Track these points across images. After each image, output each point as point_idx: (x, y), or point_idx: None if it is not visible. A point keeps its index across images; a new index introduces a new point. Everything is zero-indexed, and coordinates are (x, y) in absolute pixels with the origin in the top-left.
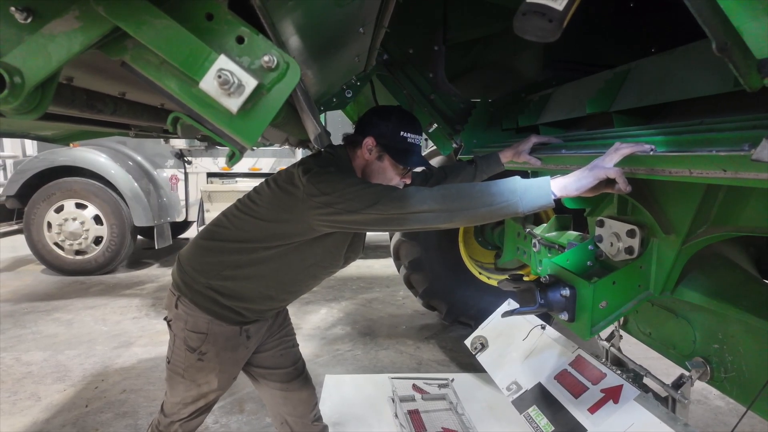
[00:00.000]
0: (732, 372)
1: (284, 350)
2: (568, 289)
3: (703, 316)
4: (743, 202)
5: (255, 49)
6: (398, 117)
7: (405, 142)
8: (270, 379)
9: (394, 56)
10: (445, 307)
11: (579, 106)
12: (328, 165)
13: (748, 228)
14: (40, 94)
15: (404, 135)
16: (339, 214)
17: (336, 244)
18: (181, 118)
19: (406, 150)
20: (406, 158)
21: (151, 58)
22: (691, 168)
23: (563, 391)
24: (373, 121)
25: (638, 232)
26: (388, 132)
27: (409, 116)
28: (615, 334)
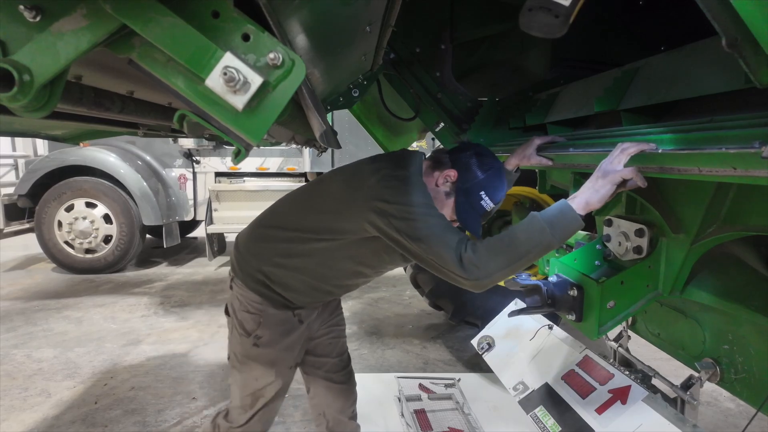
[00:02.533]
0: (742, 373)
1: (333, 339)
2: (576, 288)
3: (713, 317)
4: (754, 200)
5: (261, 47)
6: (491, 176)
7: (478, 201)
8: (316, 367)
9: (401, 55)
10: (451, 306)
11: (587, 105)
12: (399, 170)
13: (759, 227)
14: (48, 92)
15: (482, 195)
16: (389, 227)
17: (386, 249)
18: (188, 115)
19: (473, 208)
20: (467, 215)
21: (158, 55)
22: (701, 166)
23: (570, 391)
24: (470, 161)
25: (647, 232)
26: (474, 181)
27: (501, 181)
28: (623, 335)
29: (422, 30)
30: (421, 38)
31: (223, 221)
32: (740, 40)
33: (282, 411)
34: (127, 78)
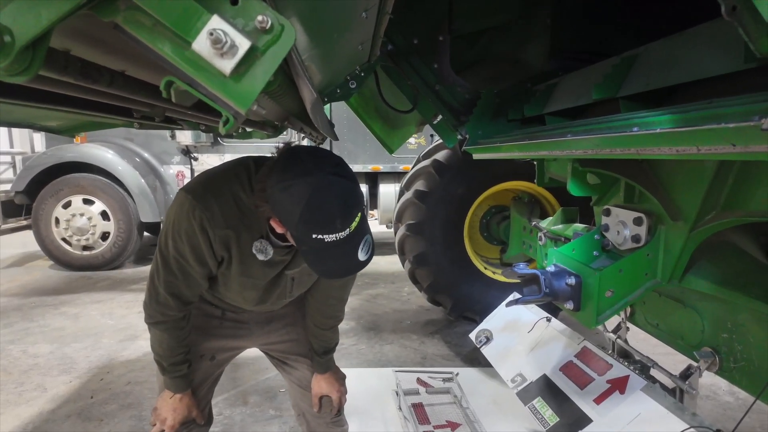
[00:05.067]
0: (741, 362)
1: (283, 351)
2: (574, 277)
3: (712, 306)
4: (753, 186)
5: (249, 11)
6: (308, 208)
7: (322, 243)
8: (285, 371)
9: (398, 47)
10: (450, 302)
11: (585, 94)
12: (217, 190)
13: (759, 212)
14: (30, 55)
15: (318, 237)
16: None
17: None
18: (175, 82)
19: (322, 252)
20: (322, 264)
21: (144, 19)
22: (699, 145)
23: (569, 382)
24: (277, 195)
25: (645, 220)
26: (295, 227)
27: (326, 204)
28: (622, 326)
29: (420, 21)
30: (419, 30)
31: None
32: (739, 8)
33: (279, 406)
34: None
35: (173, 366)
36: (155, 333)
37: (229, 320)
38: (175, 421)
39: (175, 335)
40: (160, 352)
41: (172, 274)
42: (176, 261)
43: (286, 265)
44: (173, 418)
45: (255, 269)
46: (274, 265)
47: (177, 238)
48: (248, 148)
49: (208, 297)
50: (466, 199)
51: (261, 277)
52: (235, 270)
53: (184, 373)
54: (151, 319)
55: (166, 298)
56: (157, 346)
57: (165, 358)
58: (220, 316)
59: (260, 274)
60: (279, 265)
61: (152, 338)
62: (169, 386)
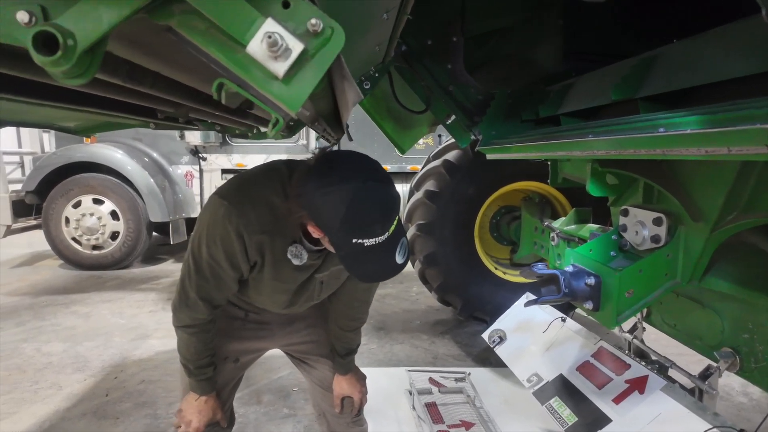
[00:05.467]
0: (763, 362)
1: (304, 352)
2: (593, 278)
3: (732, 306)
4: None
5: (300, 14)
6: (350, 212)
7: (361, 248)
8: (306, 371)
9: (412, 48)
10: (460, 302)
11: (602, 95)
12: (252, 196)
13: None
14: (90, 59)
15: (358, 242)
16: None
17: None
18: (226, 83)
19: (361, 256)
20: (362, 268)
21: (198, 23)
22: (731, 145)
23: (586, 382)
24: (316, 201)
25: (665, 220)
26: (335, 232)
27: (370, 208)
28: (638, 326)
29: (434, 22)
30: (432, 30)
31: None
32: None
33: (293, 405)
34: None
35: (199, 369)
36: (183, 336)
37: (251, 322)
38: (200, 423)
39: (203, 338)
40: (187, 355)
41: (204, 279)
42: (209, 266)
43: (317, 269)
44: (198, 420)
45: (286, 273)
46: (304, 270)
47: (211, 244)
48: (255, 148)
49: (233, 299)
50: (476, 199)
51: (292, 281)
52: (268, 274)
53: (210, 376)
54: (179, 323)
55: (197, 301)
56: (184, 350)
57: (192, 361)
58: (243, 318)
59: (291, 278)
60: (310, 269)
61: (179, 342)
62: (194, 389)
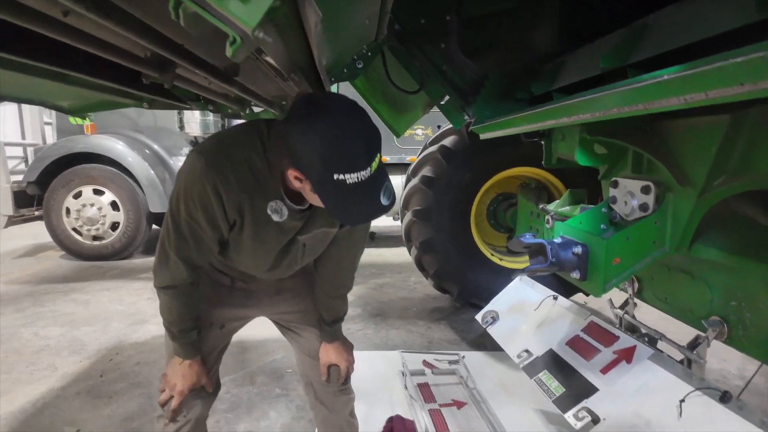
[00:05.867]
0: (751, 329)
1: (291, 321)
2: (581, 247)
3: (721, 275)
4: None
5: None
6: (329, 146)
7: (343, 186)
8: (293, 338)
9: (405, 27)
10: (456, 288)
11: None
12: (230, 153)
13: None
14: None
15: (340, 178)
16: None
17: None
18: (183, 2)
19: (344, 196)
20: (346, 210)
21: None
22: (707, 90)
23: (575, 355)
24: (295, 139)
25: (653, 188)
26: (316, 171)
27: (350, 140)
28: (629, 302)
29: (428, 1)
30: (426, 10)
31: None
32: None
33: (286, 386)
34: None
35: (182, 332)
36: (164, 299)
37: (238, 289)
38: (184, 386)
39: (184, 301)
40: (169, 318)
41: (183, 239)
42: (188, 225)
43: (299, 231)
44: (182, 384)
45: (268, 234)
46: (286, 231)
47: (189, 202)
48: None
49: (219, 266)
50: (473, 185)
51: (273, 242)
52: (248, 234)
53: (194, 340)
54: (160, 284)
55: (176, 262)
56: (166, 312)
57: (174, 324)
58: (230, 285)
59: (273, 239)
60: (291, 230)
61: (161, 304)
62: (178, 352)
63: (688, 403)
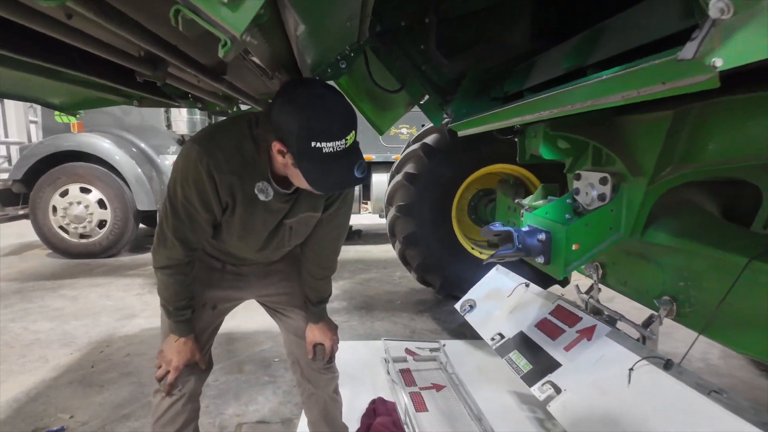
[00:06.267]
0: (696, 305)
1: (278, 302)
2: (544, 233)
3: (672, 258)
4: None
5: None
6: (308, 114)
7: (319, 155)
8: (280, 320)
9: (386, 28)
10: (438, 281)
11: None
12: (221, 140)
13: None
14: None
15: (317, 146)
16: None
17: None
18: (182, 10)
19: (320, 165)
20: (321, 178)
21: None
22: (638, 87)
23: (542, 336)
24: (278, 112)
25: (610, 179)
26: (296, 139)
27: (325, 110)
28: (594, 287)
29: (407, 4)
30: (406, 12)
31: None
32: None
33: (273, 373)
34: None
35: (178, 310)
36: (161, 278)
37: (229, 273)
38: (179, 362)
39: (180, 280)
40: (166, 296)
41: (179, 220)
42: (184, 207)
43: (285, 215)
44: (178, 360)
45: (257, 216)
46: (274, 213)
47: (185, 185)
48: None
49: (211, 250)
50: (453, 181)
51: (261, 225)
52: (239, 216)
53: (188, 318)
54: (158, 264)
55: (174, 242)
56: (163, 291)
57: (170, 302)
58: (221, 269)
59: (261, 221)
60: (279, 213)
61: (159, 284)
62: (174, 330)
63: (636, 372)
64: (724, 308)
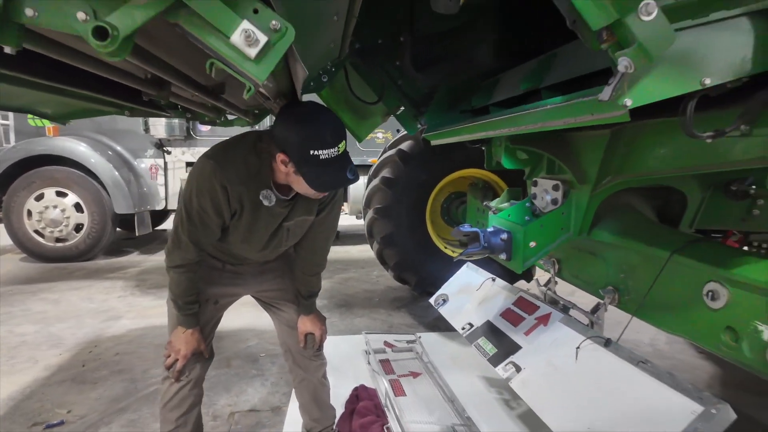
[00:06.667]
0: (632, 293)
1: (274, 297)
2: (506, 233)
3: (614, 253)
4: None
5: (265, 18)
6: (307, 128)
7: (317, 161)
8: (274, 313)
9: (365, 46)
10: (414, 278)
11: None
12: (231, 156)
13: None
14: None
15: (314, 153)
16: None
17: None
18: (215, 63)
19: (318, 169)
20: (319, 179)
21: (197, 21)
22: (575, 116)
23: (506, 323)
24: (281, 129)
25: (561, 186)
26: (297, 149)
27: (320, 124)
28: (551, 281)
29: (384, 23)
30: (383, 31)
31: None
32: (578, 21)
33: (261, 367)
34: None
35: (187, 305)
36: (174, 276)
37: (228, 272)
38: (187, 351)
39: (190, 277)
40: (177, 292)
41: (194, 225)
42: (198, 214)
43: (284, 218)
44: (186, 349)
45: (260, 219)
46: (275, 216)
47: (201, 195)
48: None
49: (213, 252)
50: (428, 184)
51: (264, 227)
52: (245, 220)
53: (195, 312)
54: (172, 263)
55: (188, 244)
56: (174, 288)
57: (181, 297)
58: (221, 268)
59: (264, 224)
60: (279, 217)
61: (171, 282)
62: (182, 323)
63: (582, 349)
64: (652, 294)
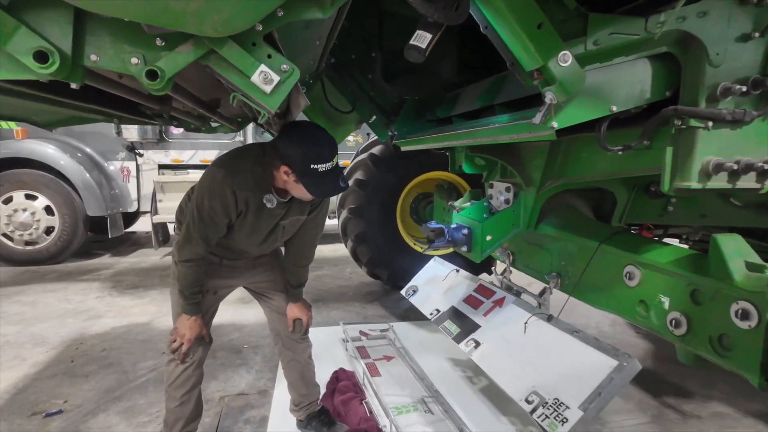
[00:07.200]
0: (572, 278)
1: (265, 287)
2: (467, 229)
3: (557, 245)
4: (572, 161)
5: (278, 62)
6: (308, 147)
7: (316, 173)
8: (264, 302)
9: (340, 61)
10: (386, 273)
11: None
12: (239, 166)
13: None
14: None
15: (314, 167)
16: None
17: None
18: (237, 96)
19: (317, 180)
20: (319, 188)
21: (224, 64)
22: (518, 133)
23: (468, 307)
24: (285, 146)
25: (512, 188)
26: (299, 164)
27: (319, 143)
28: (506, 270)
29: (357, 41)
30: (356, 47)
31: (168, 211)
32: (515, 62)
33: (245, 357)
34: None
35: (192, 295)
36: (182, 269)
37: (225, 266)
38: (191, 335)
39: (197, 271)
40: (184, 283)
41: (204, 224)
42: (209, 214)
43: (281, 218)
44: (190, 334)
45: (262, 219)
46: (274, 216)
47: (212, 199)
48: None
49: (213, 249)
50: (397, 186)
51: (264, 225)
52: (249, 219)
53: (198, 301)
54: (182, 258)
55: (198, 241)
56: (182, 280)
57: (187, 288)
58: (218, 263)
59: (264, 223)
60: (277, 216)
61: (179, 275)
62: (186, 311)
63: (529, 324)
64: (585, 278)
